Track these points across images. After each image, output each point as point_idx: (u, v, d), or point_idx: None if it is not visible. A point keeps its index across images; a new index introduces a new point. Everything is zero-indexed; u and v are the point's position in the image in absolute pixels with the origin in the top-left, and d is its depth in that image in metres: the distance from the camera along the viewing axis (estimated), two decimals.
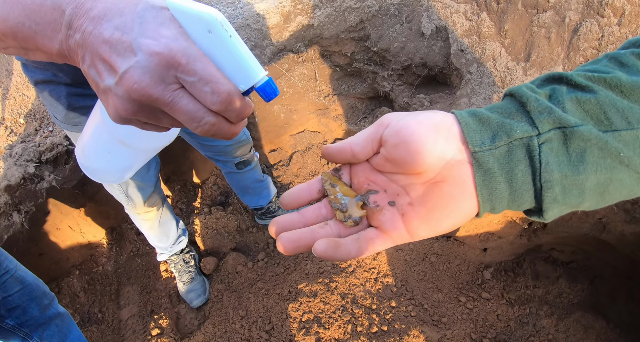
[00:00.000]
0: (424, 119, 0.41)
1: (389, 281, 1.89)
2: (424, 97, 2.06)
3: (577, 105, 0.39)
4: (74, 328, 1.54)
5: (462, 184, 0.40)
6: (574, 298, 2.13)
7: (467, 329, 1.88)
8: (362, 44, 2.20)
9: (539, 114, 0.39)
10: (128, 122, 0.46)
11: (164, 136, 0.86)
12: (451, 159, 0.40)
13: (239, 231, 2.28)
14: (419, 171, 0.41)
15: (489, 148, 0.39)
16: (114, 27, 0.41)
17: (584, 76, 0.41)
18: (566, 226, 2.03)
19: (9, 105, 2.27)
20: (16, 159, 1.98)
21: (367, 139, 0.44)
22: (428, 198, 0.42)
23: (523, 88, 0.41)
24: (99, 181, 1.00)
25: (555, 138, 0.38)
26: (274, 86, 0.46)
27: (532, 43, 1.85)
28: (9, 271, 1.31)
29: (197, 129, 0.44)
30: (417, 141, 0.40)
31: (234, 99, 0.43)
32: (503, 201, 0.40)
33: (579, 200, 0.39)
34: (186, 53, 0.41)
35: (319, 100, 2.40)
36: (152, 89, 0.40)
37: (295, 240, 0.43)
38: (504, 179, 0.39)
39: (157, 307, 2.08)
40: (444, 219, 0.41)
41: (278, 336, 1.75)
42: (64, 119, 1.31)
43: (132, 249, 2.30)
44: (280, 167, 2.48)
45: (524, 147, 0.39)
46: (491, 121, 0.40)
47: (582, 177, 0.38)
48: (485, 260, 2.19)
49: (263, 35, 2.20)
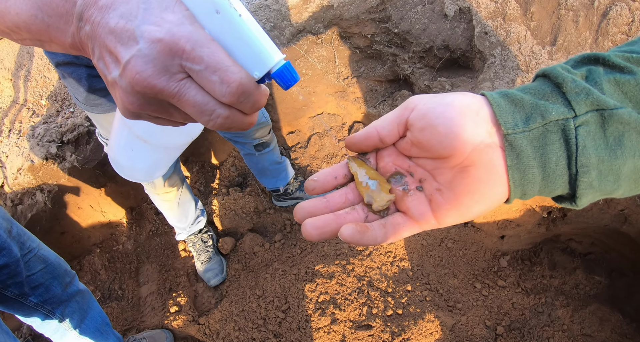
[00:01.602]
0: (452, 101, 0.40)
1: (405, 265, 1.90)
2: (445, 81, 2.03)
3: (616, 86, 0.38)
4: (94, 304, 1.59)
5: (492, 168, 0.38)
6: (591, 290, 2.11)
7: (482, 316, 1.88)
8: (383, 26, 2.16)
9: (575, 95, 0.37)
10: (138, 116, 0.43)
11: (185, 133, 0.82)
12: (480, 142, 0.39)
13: (257, 212, 2.30)
14: (447, 155, 0.40)
15: (522, 130, 0.38)
16: (119, 15, 0.38)
17: (622, 57, 0.39)
18: (586, 217, 2.00)
19: (30, 87, 2.30)
20: (39, 139, 2.01)
21: (393, 122, 0.43)
22: (456, 183, 0.40)
23: (558, 68, 0.40)
24: (129, 178, 0.96)
25: (593, 121, 0.37)
26: (292, 71, 0.41)
27: (559, 27, 1.79)
28: (32, 250, 1.35)
29: (208, 123, 0.40)
30: (444, 124, 0.39)
31: (246, 89, 0.38)
32: (535, 185, 0.38)
33: (614, 186, 0.38)
34: (191, 38, 0.37)
35: (337, 83, 2.38)
36: (156, 79, 0.37)
37: (320, 226, 0.41)
38: (537, 163, 0.38)
39: (175, 285, 2.13)
40: (473, 205, 0.40)
41: (294, 315, 1.78)
42: (85, 100, 1.32)
43: (152, 228, 2.34)
44: (298, 149, 2.48)
45: (560, 129, 0.37)
46: (524, 102, 0.39)
47: (619, 161, 0.36)
48: (502, 248, 2.18)
49: (282, 16, 2.17)
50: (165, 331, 1.94)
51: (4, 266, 1.24)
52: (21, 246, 1.31)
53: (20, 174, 1.98)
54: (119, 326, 2.03)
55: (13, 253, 1.26)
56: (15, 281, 1.29)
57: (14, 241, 1.28)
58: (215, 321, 1.88)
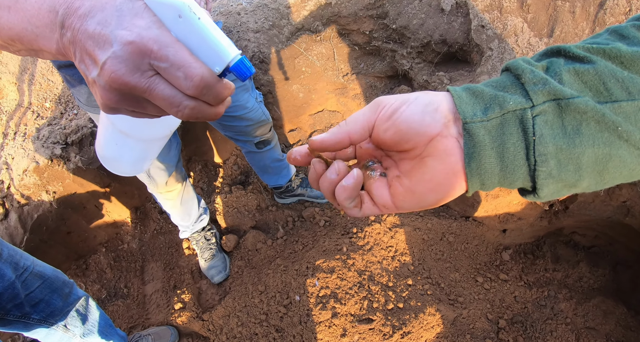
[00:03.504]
0: (414, 99, 0.42)
1: (406, 259, 1.90)
2: (444, 75, 2.03)
3: (575, 76, 0.38)
4: (95, 308, 1.60)
5: (447, 158, 0.40)
6: (595, 283, 2.10)
7: (484, 310, 1.88)
8: (381, 22, 2.17)
9: (533, 85, 0.38)
10: (117, 111, 0.48)
11: (163, 125, 0.88)
12: (437, 134, 0.40)
13: (259, 210, 2.32)
14: (408, 149, 0.42)
15: (480, 120, 0.39)
16: (97, 22, 0.43)
17: (582, 48, 0.40)
18: (588, 209, 1.99)
19: (35, 90, 2.33)
20: (43, 141, 2.05)
21: (364, 126, 0.45)
22: (414, 172, 0.43)
23: (519, 61, 0.41)
24: (117, 172, 1.01)
25: (550, 110, 0.37)
26: (248, 65, 0.46)
27: (556, 18, 1.79)
28: (27, 268, 1.34)
29: (177, 114, 0.45)
30: (405, 122, 0.41)
31: (208, 83, 0.43)
32: (494, 176, 0.39)
33: (575, 177, 0.38)
34: (158, 40, 0.42)
35: (337, 80, 2.39)
36: (128, 77, 0.42)
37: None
38: (495, 153, 0.38)
39: (179, 282, 2.15)
40: (427, 193, 0.42)
41: (296, 310, 1.79)
42: (87, 101, 1.35)
43: (156, 227, 2.37)
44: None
45: (517, 119, 0.38)
46: (484, 94, 0.40)
47: (578, 150, 0.37)
48: (504, 241, 2.17)
49: (281, 14, 2.18)
50: (170, 327, 1.96)
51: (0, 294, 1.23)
52: (15, 266, 1.30)
53: (26, 175, 2.01)
54: (125, 323, 2.06)
55: (6, 277, 1.25)
56: (15, 303, 1.29)
57: (6, 263, 1.27)
58: (218, 317, 1.90)
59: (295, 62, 2.29)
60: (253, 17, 2.17)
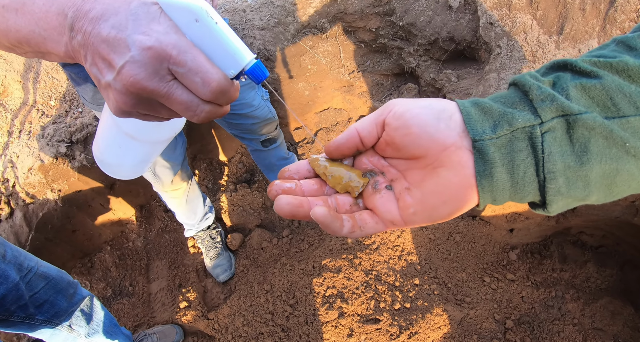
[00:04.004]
0: (428, 104, 0.41)
1: (413, 258, 1.89)
2: (451, 73, 2.01)
3: (582, 92, 0.38)
4: (99, 308, 1.60)
5: (462, 170, 0.39)
6: (602, 283, 2.08)
7: (491, 310, 1.87)
8: (387, 19, 2.15)
9: (541, 102, 0.38)
10: (129, 115, 0.48)
11: (169, 128, 0.88)
12: (452, 144, 0.39)
13: (264, 208, 2.31)
14: (419, 155, 0.41)
15: (489, 137, 0.38)
16: (111, 26, 0.43)
17: (589, 62, 0.40)
18: (597, 209, 1.97)
19: (40, 88, 2.33)
20: (48, 139, 2.04)
21: (372, 122, 0.44)
22: (426, 183, 0.41)
23: (526, 76, 0.40)
24: (116, 176, 1.01)
25: (559, 127, 0.37)
26: (263, 68, 0.47)
27: (566, 15, 1.76)
28: (31, 269, 1.33)
29: (193, 117, 0.46)
30: (418, 125, 0.40)
31: (223, 88, 0.44)
32: (505, 192, 0.39)
33: (584, 193, 0.37)
34: (176, 45, 0.42)
35: (343, 78, 2.37)
36: (148, 81, 0.42)
37: (295, 205, 0.42)
38: (506, 170, 0.38)
39: (185, 281, 2.15)
40: (440, 206, 0.41)
41: (302, 309, 1.78)
42: (92, 99, 1.34)
43: (161, 225, 2.37)
44: (305, 145, 2.48)
45: (526, 136, 0.38)
46: (493, 110, 0.39)
47: (586, 168, 0.36)
48: (511, 241, 2.16)
49: (286, 12, 2.17)
50: (175, 326, 1.96)
51: (3, 296, 1.22)
52: (19, 268, 1.29)
53: (31, 173, 2.01)
54: (130, 321, 2.05)
55: (10, 278, 1.24)
56: (19, 304, 1.27)
57: (10, 265, 1.26)
58: (224, 316, 1.89)
59: (300, 60, 2.27)
60: (258, 14, 2.16)
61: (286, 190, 0.45)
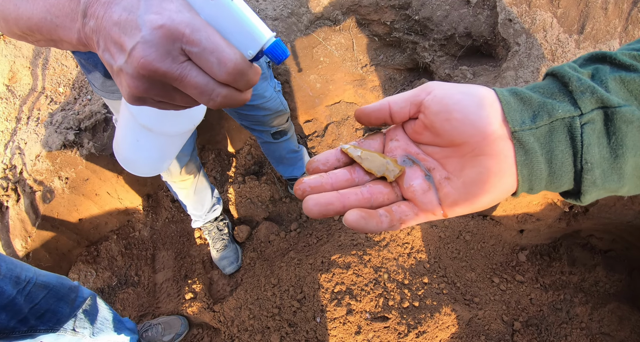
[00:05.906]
0: (469, 90, 0.40)
1: (422, 257, 1.87)
2: (467, 70, 1.97)
3: (621, 85, 0.38)
4: (101, 306, 1.57)
5: (504, 159, 0.39)
6: (611, 288, 2.06)
7: (499, 311, 1.85)
8: (403, 12, 2.11)
9: (581, 93, 0.38)
10: (142, 102, 0.46)
11: (187, 119, 0.85)
12: (492, 132, 0.39)
13: (272, 201, 2.29)
14: (459, 142, 0.40)
15: (529, 128, 0.38)
16: (122, 8, 0.41)
17: (628, 55, 0.40)
18: (609, 212, 1.94)
19: (48, 75, 2.30)
20: (56, 126, 2.02)
21: (407, 100, 0.43)
22: (466, 172, 0.40)
23: (565, 67, 0.40)
24: (136, 173, 0.98)
25: (598, 119, 0.37)
26: (283, 47, 0.44)
27: (587, 14, 1.72)
28: (29, 281, 1.28)
29: (209, 102, 0.43)
30: (460, 111, 0.39)
31: (241, 68, 0.41)
32: (542, 181, 0.39)
33: (618, 185, 0.38)
34: (189, 24, 0.40)
35: (355, 71, 2.34)
36: (159, 62, 0.40)
37: (323, 204, 0.40)
38: (544, 159, 0.38)
39: (191, 272, 2.14)
40: (482, 195, 0.40)
41: (309, 305, 1.77)
42: (101, 86, 1.32)
43: (168, 215, 2.35)
44: (315, 138, 2.46)
45: (566, 127, 0.38)
46: (532, 101, 0.39)
47: (620, 161, 0.37)
48: (521, 242, 2.13)
49: (300, 2, 2.13)
50: (180, 317, 1.95)
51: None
52: (17, 281, 1.24)
53: (38, 160, 1.99)
54: (135, 311, 2.05)
55: (6, 294, 1.20)
56: (18, 319, 1.24)
57: (5, 279, 1.21)
58: (230, 309, 1.88)
59: (313, 52, 2.24)
60: (272, 4, 2.12)
61: (313, 187, 0.43)
